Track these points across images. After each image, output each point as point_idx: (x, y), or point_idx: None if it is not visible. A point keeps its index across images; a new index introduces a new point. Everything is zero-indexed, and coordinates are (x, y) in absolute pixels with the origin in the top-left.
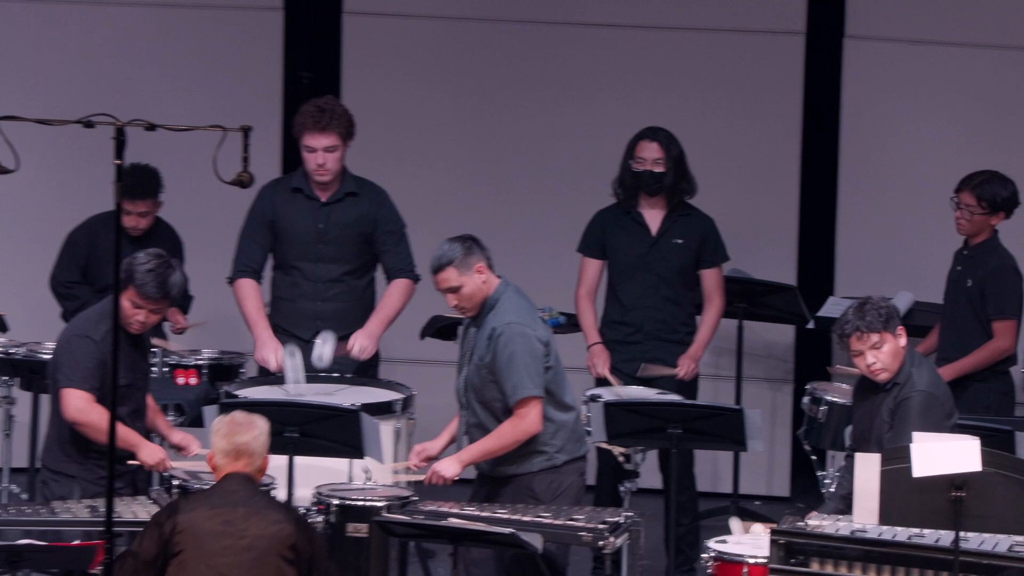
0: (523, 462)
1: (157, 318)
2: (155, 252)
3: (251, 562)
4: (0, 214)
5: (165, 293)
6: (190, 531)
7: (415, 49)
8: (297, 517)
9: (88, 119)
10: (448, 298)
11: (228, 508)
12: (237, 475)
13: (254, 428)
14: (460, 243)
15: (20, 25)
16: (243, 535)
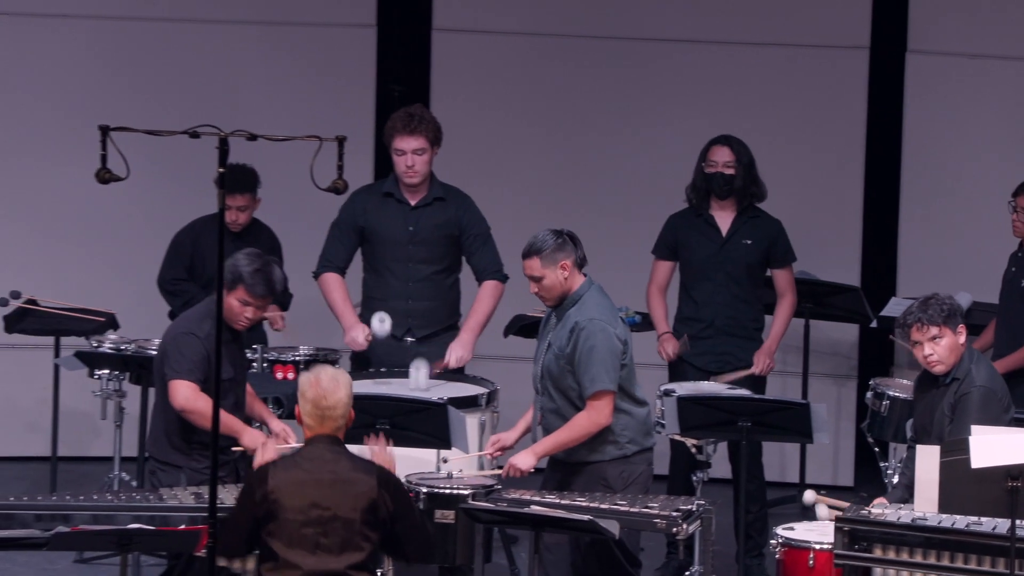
0: (595, 451)
1: (262, 314)
2: (254, 252)
3: (338, 528)
4: (112, 219)
5: (271, 290)
6: (279, 500)
7: (500, 63)
8: (380, 474)
9: (194, 130)
10: (530, 284)
11: (315, 476)
12: (323, 438)
13: (338, 384)
14: (555, 237)
15: (131, 43)
16: (329, 505)
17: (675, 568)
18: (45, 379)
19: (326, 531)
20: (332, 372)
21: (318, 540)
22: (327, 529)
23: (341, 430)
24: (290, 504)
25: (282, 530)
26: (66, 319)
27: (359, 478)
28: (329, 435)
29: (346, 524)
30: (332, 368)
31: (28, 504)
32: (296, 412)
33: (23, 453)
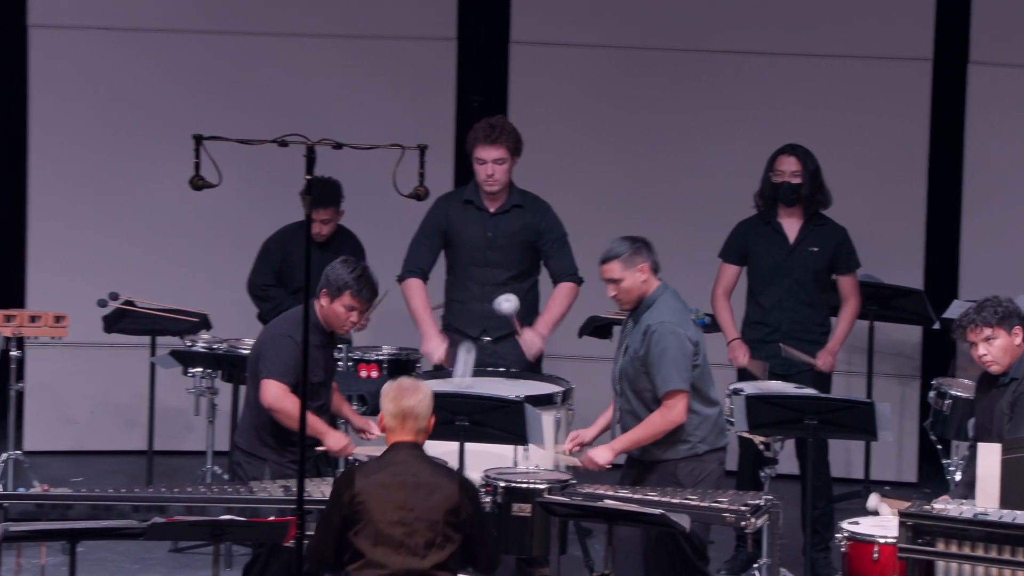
0: (669, 449)
1: (365, 318)
2: (350, 259)
3: (422, 531)
4: (204, 224)
5: (375, 292)
6: (366, 504)
7: (575, 75)
8: (461, 480)
9: (282, 139)
10: (608, 288)
11: (399, 481)
12: (405, 444)
13: (419, 392)
14: (631, 242)
15: (223, 56)
16: (413, 507)
17: (743, 561)
18: (142, 377)
19: (411, 531)
20: (412, 381)
21: (403, 540)
22: (412, 530)
23: (422, 435)
24: (376, 506)
25: (368, 531)
26: (162, 320)
27: (441, 482)
28: (411, 441)
29: (430, 525)
30: (411, 379)
31: (126, 496)
32: (379, 420)
33: (121, 447)
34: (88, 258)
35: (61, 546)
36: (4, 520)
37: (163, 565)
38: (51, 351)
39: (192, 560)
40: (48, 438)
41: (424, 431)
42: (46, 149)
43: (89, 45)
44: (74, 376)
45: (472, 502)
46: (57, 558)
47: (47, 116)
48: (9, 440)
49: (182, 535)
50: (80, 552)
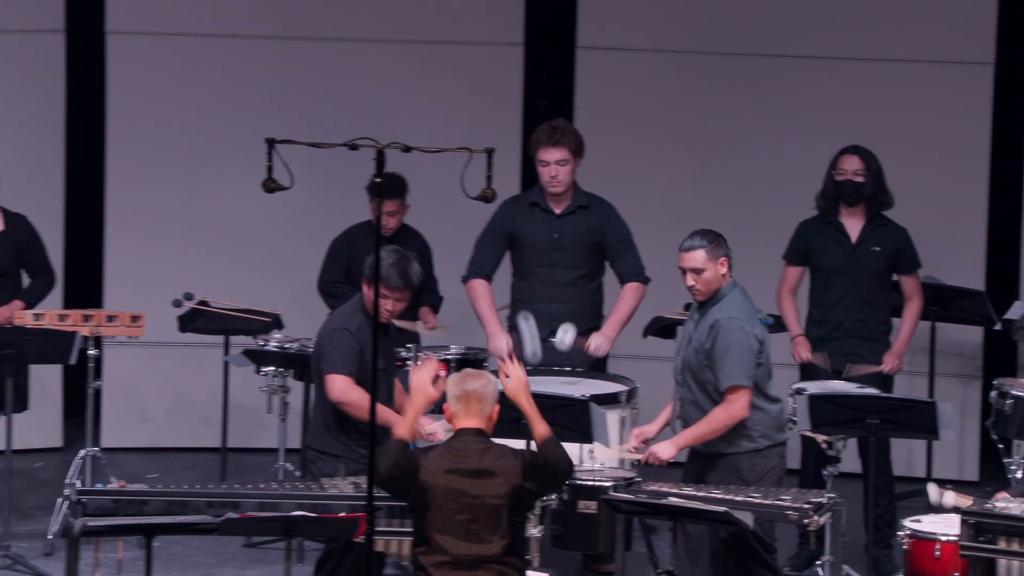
0: (731, 443)
1: (402, 306)
2: (393, 248)
3: (487, 515)
4: (276, 226)
5: (407, 282)
6: (431, 489)
7: (639, 79)
8: (524, 456)
9: (352, 142)
10: (687, 277)
11: (463, 466)
12: (469, 431)
13: (483, 377)
14: (713, 235)
15: (295, 61)
16: (477, 492)
17: (806, 558)
18: (216, 375)
19: (476, 517)
20: (476, 371)
21: (469, 526)
22: (477, 515)
23: (487, 421)
24: (441, 493)
25: (434, 517)
26: (235, 319)
27: (505, 467)
28: (475, 428)
29: (495, 511)
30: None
31: (201, 492)
32: (445, 410)
33: (196, 444)
34: (164, 259)
35: (137, 541)
36: (82, 515)
37: (236, 560)
38: (128, 350)
39: (265, 555)
40: (125, 435)
41: (489, 418)
42: (123, 153)
43: (165, 51)
44: (150, 375)
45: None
46: (134, 552)
47: (124, 120)
48: (87, 437)
49: (255, 530)
50: (156, 547)
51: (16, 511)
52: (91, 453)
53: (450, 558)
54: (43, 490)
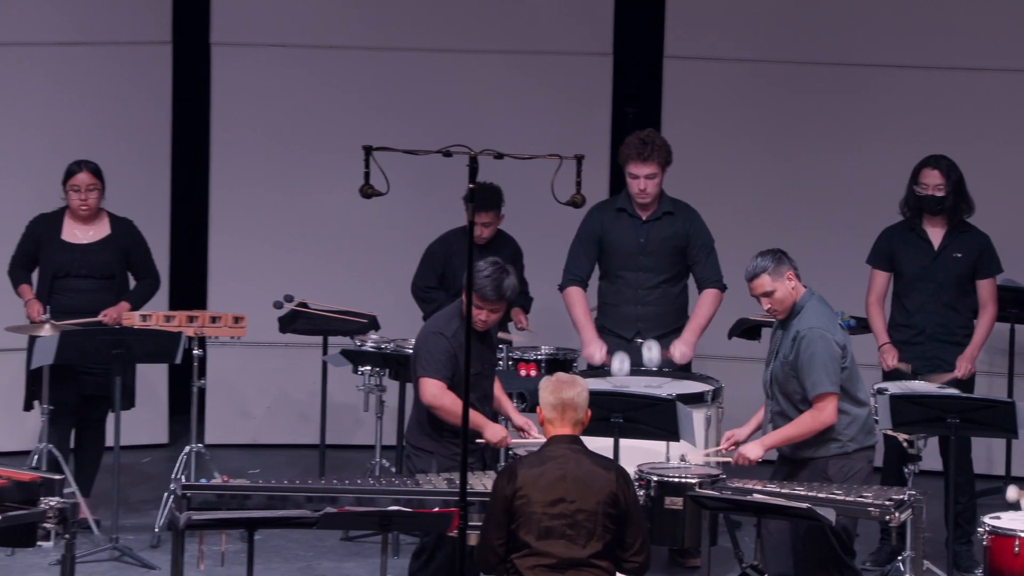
0: (819, 447)
1: (497, 316)
2: (492, 260)
3: (582, 520)
4: (373, 230)
5: (500, 295)
6: (528, 497)
7: (725, 88)
8: (618, 469)
9: (446, 149)
10: (762, 302)
11: (558, 474)
12: (563, 437)
13: (576, 385)
14: (772, 255)
15: (390, 71)
16: (573, 498)
17: (887, 554)
18: (314, 375)
19: (571, 523)
20: (569, 376)
21: (564, 531)
22: (572, 521)
23: (579, 427)
24: (537, 499)
25: (531, 523)
26: (333, 321)
27: (600, 473)
28: (569, 434)
29: (589, 516)
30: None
31: (300, 487)
32: (538, 412)
33: (295, 441)
34: (265, 262)
35: (240, 534)
36: (187, 509)
37: (335, 552)
38: (230, 350)
39: (362, 548)
40: (227, 432)
41: (581, 423)
42: (226, 160)
43: (267, 62)
44: (252, 374)
45: (629, 493)
46: (236, 545)
47: (227, 128)
48: (192, 434)
49: (352, 524)
50: (257, 540)
51: (124, 505)
52: (195, 449)
53: (544, 562)
54: (150, 484)
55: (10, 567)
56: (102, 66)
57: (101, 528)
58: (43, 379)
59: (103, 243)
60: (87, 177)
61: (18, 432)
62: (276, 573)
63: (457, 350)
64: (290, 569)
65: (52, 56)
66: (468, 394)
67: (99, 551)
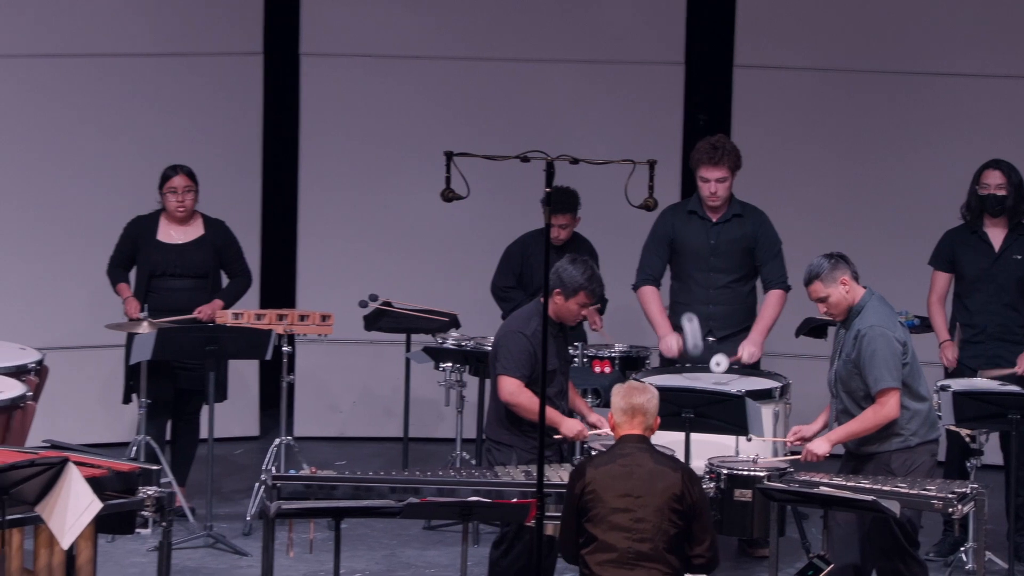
0: (883, 442)
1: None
2: (578, 259)
3: (649, 516)
4: (454, 232)
5: (603, 288)
6: (597, 492)
7: (792, 95)
8: (684, 469)
9: (524, 155)
10: (818, 306)
11: (626, 470)
12: (632, 437)
13: (647, 392)
14: (828, 259)
15: (472, 79)
16: (640, 494)
17: (950, 544)
18: (398, 371)
19: (638, 518)
20: (640, 384)
21: (631, 527)
22: (639, 516)
23: (649, 430)
24: (606, 494)
25: (599, 517)
26: (416, 319)
27: (666, 471)
28: (638, 435)
29: (656, 513)
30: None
31: (384, 478)
32: (609, 419)
33: (380, 434)
34: (351, 263)
35: (327, 523)
36: (277, 499)
37: (418, 541)
38: (318, 347)
39: (443, 537)
40: (315, 425)
41: (651, 428)
42: (314, 164)
43: (354, 71)
44: (338, 370)
45: (695, 491)
46: (324, 533)
47: (315, 134)
48: (281, 427)
49: (434, 514)
50: (344, 528)
51: (217, 494)
52: (285, 441)
53: (613, 556)
54: (242, 475)
55: (111, 552)
56: (197, 76)
57: (196, 516)
58: (141, 374)
59: (197, 243)
60: (183, 180)
61: (117, 424)
62: (362, 560)
63: (536, 348)
64: (375, 556)
65: (149, 67)
66: (545, 389)
67: (194, 538)
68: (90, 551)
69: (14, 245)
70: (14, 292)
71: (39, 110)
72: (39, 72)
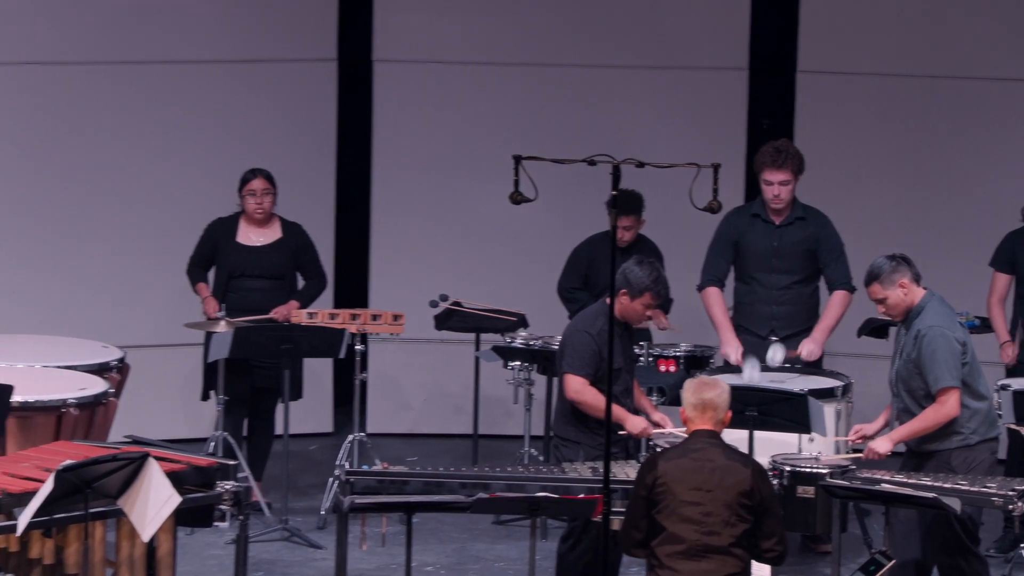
0: (943, 440)
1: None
2: (644, 260)
3: (718, 510)
4: (522, 234)
5: (669, 290)
6: (668, 486)
7: (854, 100)
8: (755, 465)
9: (591, 158)
10: (879, 307)
11: (697, 464)
12: (703, 432)
13: (718, 387)
14: (889, 261)
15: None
16: (710, 488)
17: (1011, 541)
18: (468, 369)
19: (708, 511)
20: (712, 379)
21: (701, 520)
22: (708, 509)
23: (720, 424)
24: (677, 487)
25: (669, 510)
26: (485, 319)
27: (736, 467)
28: (709, 430)
29: (725, 505)
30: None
31: (455, 474)
32: (681, 413)
33: (450, 431)
34: (422, 264)
35: (399, 517)
36: (350, 493)
37: (487, 535)
38: (390, 346)
39: (512, 531)
40: (387, 422)
41: (721, 422)
42: (387, 169)
43: (425, 76)
44: (410, 368)
45: (765, 487)
46: (395, 527)
47: (388, 140)
48: (354, 423)
49: (503, 509)
50: (415, 522)
51: (293, 489)
52: (358, 438)
53: (681, 548)
54: (316, 470)
55: (190, 545)
56: (274, 83)
57: (272, 510)
58: (219, 372)
59: (275, 245)
60: (261, 183)
61: (196, 421)
62: (432, 554)
63: (601, 347)
64: (445, 550)
65: (230, 73)
66: (611, 387)
67: (270, 531)
68: (170, 543)
69: (98, 246)
70: (97, 292)
71: (125, 115)
72: (125, 78)
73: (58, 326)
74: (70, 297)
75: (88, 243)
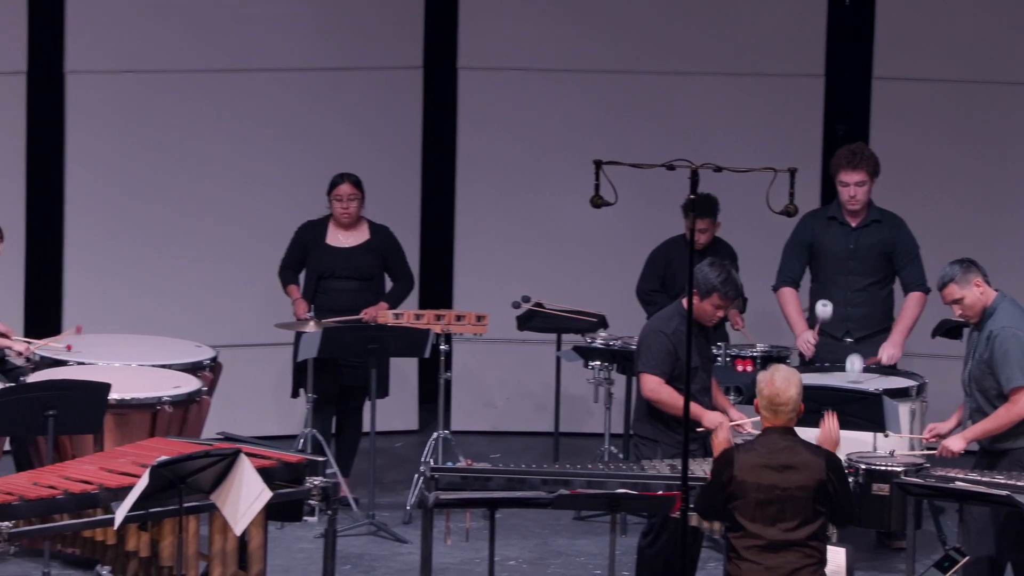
0: (1016, 439)
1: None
2: (716, 262)
3: (794, 504)
4: (602, 237)
5: (739, 291)
6: (743, 481)
7: (929, 105)
8: (828, 457)
9: (670, 163)
10: (953, 308)
11: (772, 461)
12: (777, 429)
13: (790, 381)
14: (960, 264)
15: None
16: (786, 484)
17: None
18: (549, 368)
19: (784, 507)
20: (785, 372)
21: (777, 515)
22: (784, 506)
23: (792, 421)
24: (752, 484)
25: (746, 506)
26: (566, 319)
27: (810, 461)
28: (782, 426)
29: (801, 501)
30: (786, 368)
31: (536, 471)
32: (755, 404)
33: (532, 429)
34: (505, 266)
35: (482, 512)
36: (435, 489)
37: (568, 531)
38: (474, 345)
39: (592, 527)
40: (471, 420)
41: (795, 417)
42: (471, 173)
43: (508, 83)
44: (493, 367)
45: (838, 475)
46: (479, 523)
47: (472, 145)
48: (439, 421)
49: (584, 505)
50: (498, 518)
51: (379, 485)
52: (443, 435)
53: (760, 542)
54: (402, 467)
55: (280, 539)
56: (362, 89)
57: (359, 505)
58: (308, 371)
59: (363, 247)
60: (348, 188)
61: (286, 418)
62: (515, 549)
63: (676, 346)
64: (527, 545)
65: (319, 80)
66: (689, 385)
67: (357, 526)
68: (261, 537)
69: (192, 249)
70: (191, 293)
71: (219, 121)
72: (219, 85)
73: (154, 327)
74: (166, 300)
75: (184, 248)
